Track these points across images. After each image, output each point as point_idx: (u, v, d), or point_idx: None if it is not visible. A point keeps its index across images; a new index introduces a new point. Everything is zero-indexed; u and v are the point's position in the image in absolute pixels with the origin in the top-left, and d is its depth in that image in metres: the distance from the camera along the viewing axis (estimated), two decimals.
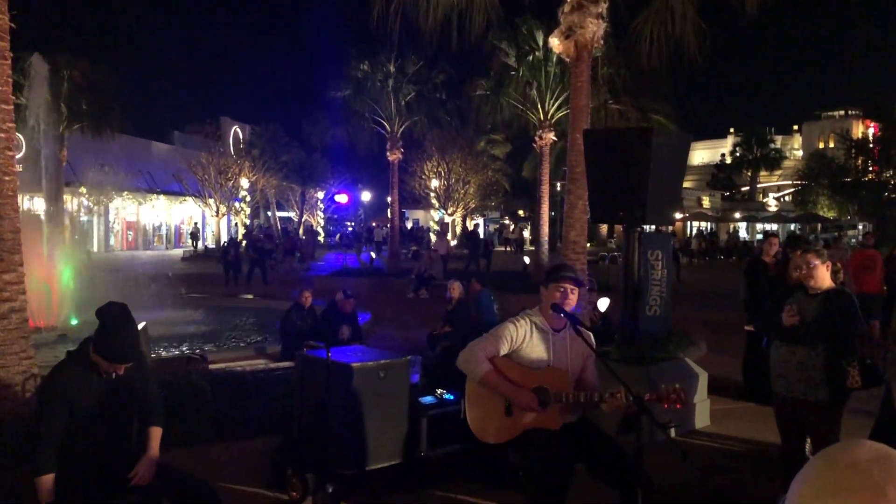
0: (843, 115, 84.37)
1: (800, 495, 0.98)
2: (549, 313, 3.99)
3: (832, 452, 1.00)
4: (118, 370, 3.63)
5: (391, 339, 11.97)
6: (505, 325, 4.05)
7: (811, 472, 0.99)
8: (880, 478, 0.93)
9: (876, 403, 5.68)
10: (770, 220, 55.72)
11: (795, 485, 1.00)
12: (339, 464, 5.04)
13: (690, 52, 12.12)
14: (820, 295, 4.83)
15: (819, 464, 0.99)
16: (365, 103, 28.12)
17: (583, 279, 4.09)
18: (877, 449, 0.97)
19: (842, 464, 0.97)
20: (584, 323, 4.09)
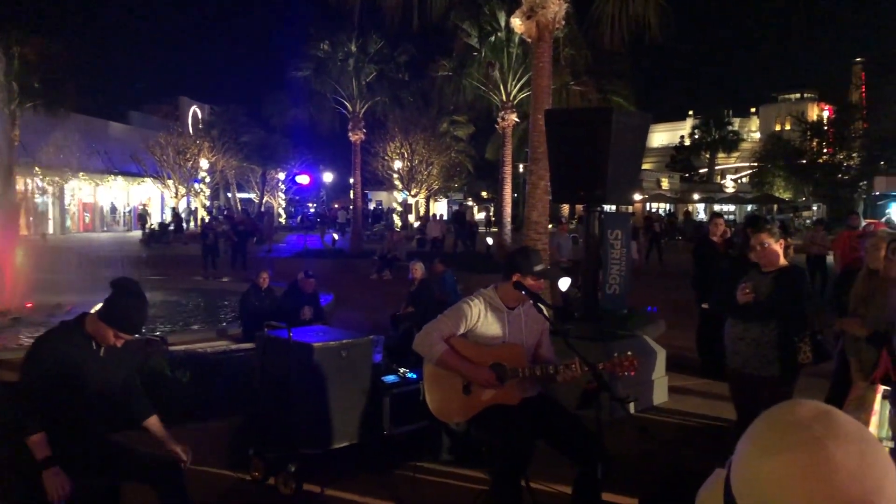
0: (799, 97, 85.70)
1: (744, 454, 1.01)
2: (507, 292, 4.02)
3: (774, 412, 1.03)
4: (123, 340, 3.59)
5: (354, 320, 11.94)
6: (460, 305, 4.08)
7: (755, 431, 1.02)
8: (821, 433, 0.96)
9: (827, 379, 5.86)
10: (727, 201, 56.67)
11: (740, 445, 1.03)
12: (301, 443, 5.04)
13: (652, 32, 12.20)
14: (773, 273, 4.94)
15: (762, 423, 1.02)
16: (326, 83, 27.83)
17: (547, 272, 4.16)
18: (816, 406, 1.01)
19: (784, 422, 1.00)
20: (546, 301, 4.12)
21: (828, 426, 0.97)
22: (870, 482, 0.93)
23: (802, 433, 0.96)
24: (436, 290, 10.50)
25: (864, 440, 0.96)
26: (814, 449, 0.94)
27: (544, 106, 10.59)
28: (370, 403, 5.31)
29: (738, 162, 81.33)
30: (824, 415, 0.99)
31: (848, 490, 0.92)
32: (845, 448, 0.94)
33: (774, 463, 0.96)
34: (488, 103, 26.00)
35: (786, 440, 0.97)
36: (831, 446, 0.94)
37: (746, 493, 1.00)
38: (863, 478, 0.93)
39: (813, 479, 0.93)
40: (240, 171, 47.64)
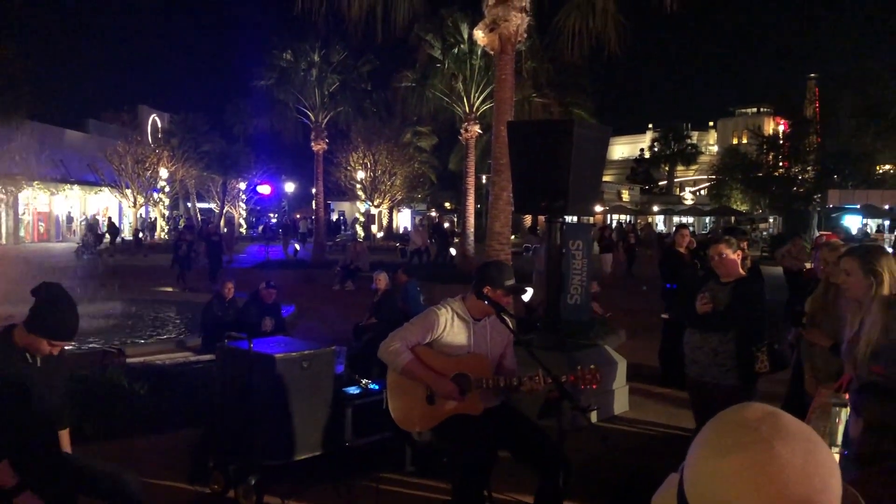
0: (755, 112, 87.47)
1: (696, 457, 1.04)
2: (473, 303, 4.04)
3: (724, 415, 1.06)
4: (59, 348, 3.49)
5: (316, 331, 11.86)
6: (427, 313, 4.09)
7: (705, 434, 1.05)
8: (768, 434, 0.99)
9: (783, 387, 5.97)
10: (686, 213, 57.53)
11: (692, 448, 1.06)
12: (262, 455, 4.98)
13: (612, 46, 12.39)
14: (731, 283, 5.04)
15: (712, 426, 1.05)
16: (289, 93, 27.69)
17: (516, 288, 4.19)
18: (763, 408, 1.04)
19: (732, 424, 1.03)
20: (510, 312, 4.15)
21: (774, 427, 1.00)
22: (815, 480, 0.97)
23: (751, 434, 0.99)
24: (399, 301, 10.48)
25: (809, 440, 0.99)
26: (762, 449, 0.97)
27: (507, 117, 10.67)
28: (332, 414, 5.28)
29: (697, 174, 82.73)
30: (771, 416, 1.02)
31: (795, 487, 0.95)
32: (791, 447, 0.97)
33: (724, 463, 0.99)
34: (451, 114, 26.12)
35: (735, 441, 1.00)
36: (778, 446, 0.97)
37: (698, 494, 1.02)
38: (809, 475, 0.96)
39: (761, 477, 0.96)
40: (200, 181, 47.04)
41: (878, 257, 3.46)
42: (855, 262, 3.47)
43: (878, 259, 3.44)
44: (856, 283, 3.45)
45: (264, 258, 29.04)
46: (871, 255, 3.48)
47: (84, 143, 43.46)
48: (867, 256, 3.47)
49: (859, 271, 3.43)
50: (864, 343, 3.36)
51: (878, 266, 3.40)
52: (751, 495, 0.96)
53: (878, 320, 3.31)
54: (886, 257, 3.48)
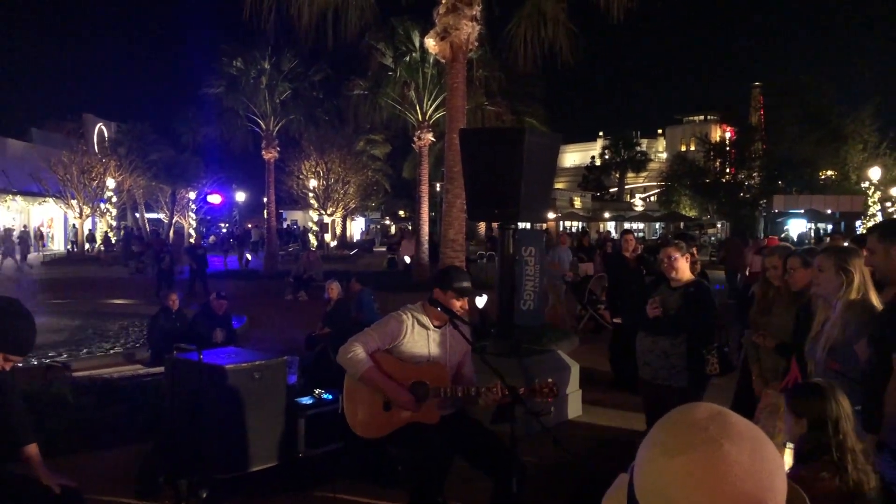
0: (702, 119, 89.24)
1: (645, 457, 1.05)
2: (430, 310, 4.04)
3: (672, 415, 1.08)
4: (13, 363, 3.37)
5: (268, 342, 11.72)
6: (387, 319, 4.07)
7: (654, 434, 1.06)
8: (716, 433, 1.00)
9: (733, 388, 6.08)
10: (637, 219, 58.45)
11: (641, 448, 1.07)
12: (213, 468, 4.90)
13: (563, 55, 12.54)
14: (681, 288, 5.13)
15: (661, 426, 1.07)
16: (239, 101, 27.36)
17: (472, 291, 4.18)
18: (711, 408, 1.06)
19: (681, 424, 1.05)
20: (464, 319, 4.16)
21: (722, 426, 1.01)
22: (762, 476, 0.99)
23: (699, 434, 1.01)
24: (353, 310, 10.42)
25: (756, 438, 1.01)
26: (710, 448, 0.99)
27: (459, 125, 10.71)
28: (285, 425, 5.22)
29: (647, 181, 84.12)
30: (718, 415, 1.04)
31: (743, 485, 0.97)
32: (739, 446, 0.99)
33: (674, 463, 1.00)
34: (405, 122, 26.10)
35: (684, 441, 1.01)
36: (726, 445, 0.99)
37: (648, 493, 1.04)
38: (755, 473, 0.98)
39: (711, 476, 0.97)
40: (148, 191, 46.14)
41: (852, 257, 3.57)
42: (830, 259, 3.56)
43: (850, 258, 3.55)
44: (827, 280, 3.54)
45: (223, 269, 28.62)
46: (846, 254, 3.58)
47: (27, 152, 42.28)
48: (841, 255, 3.56)
49: (832, 269, 3.53)
50: (824, 340, 3.47)
51: (850, 266, 3.51)
52: (700, 494, 0.98)
53: (839, 319, 3.42)
54: (858, 257, 3.59)
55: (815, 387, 2.80)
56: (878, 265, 3.35)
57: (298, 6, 12.00)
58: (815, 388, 2.79)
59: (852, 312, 3.43)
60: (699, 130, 69.55)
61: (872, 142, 44.63)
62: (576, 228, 54.07)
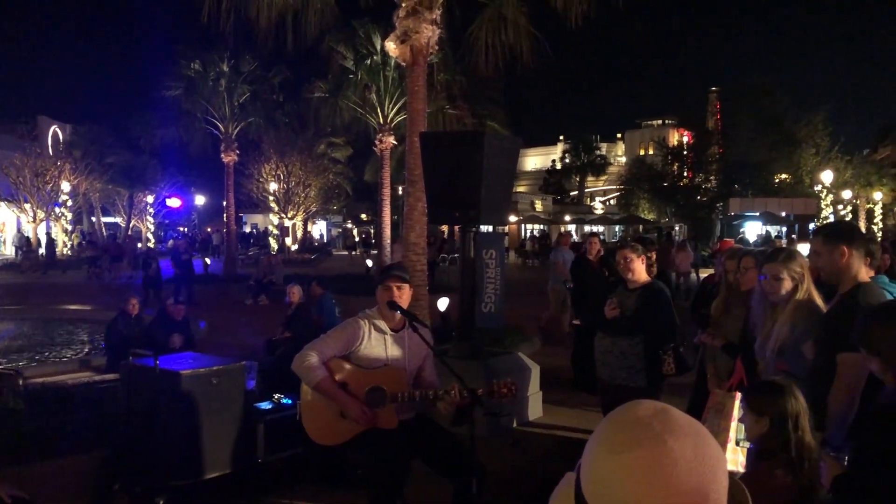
0: (661, 124, 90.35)
1: (591, 454, 1.06)
2: (387, 313, 4.03)
3: (617, 413, 1.09)
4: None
5: (228, 347, 11.56)
6: (343, 326, 4.05)
7: (600, 432, 1.08)
8: (660, 429, 1.02)
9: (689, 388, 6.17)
10: (597, 222, 58.98)
11: (588, 446, 1.08)
12: (169, 475, 4.83)
13: (524, 59, 12.60)
14: (638, 289, 5.21)
15: (606, 424, 1.08)
16: (197, 103, 27.02)
17: (407, 276, 4.14)
18: (655, 405, 1.08)
19: (626, 421, 1.06)
20: (422, 321, 4.15)
21: (666, 422, 1.03)
22: (705, 471, 1.01)
23: (644, 431, 1.03)
24: (314, 314, 10.35)
25: (698, 434, 1.03)
26: (654, 444, 1.01)
27: (420, 129, 10.71)
28: (243, 431, 5.17)
29: (606, 185, 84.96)
30: (662, 412, 1.06)
31: (686, 479, 0.99)
32: (682, 442, 1.01)
33: (619, 459, 1.02)
34: (366, 125, 26.01)
35: (629, 438, 1.03)
36: (670, 441, 1.01)
37: (595, 491, 1.05)
38: (698, 468, 1.00)
39: (655, 472, 0.99)
40: (105, 194, 45.28)
41: (799, 260, 3.64)
42: (780, 267, 3.62)
43: (799, 262, 3.62)
44: (782, 287, 3.60)
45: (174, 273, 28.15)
46: (794, 259, 3.65)
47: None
48: (790, 261, 3.63)
49: (787, 277, 3.59)
50: (773, 341, 3.54)
51: (799, 269, 3.58)
52: (645, 489, 0.99)
53: (787, 320, 3.49)
54: (804, 259, 3.67)
55: (774, 384, 2.85)
56: (823, 267, 3.42)
57: (257, 8, 11.88)
58: (775, 385, 2.83)
59: (800, 313, 3.51)
60: (657, 135, 70.40)
61: (824, 146, 45.73)
62: (537, 231, 54.44)
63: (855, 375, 3.07)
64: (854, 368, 3.07)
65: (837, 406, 3.08)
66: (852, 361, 3.07)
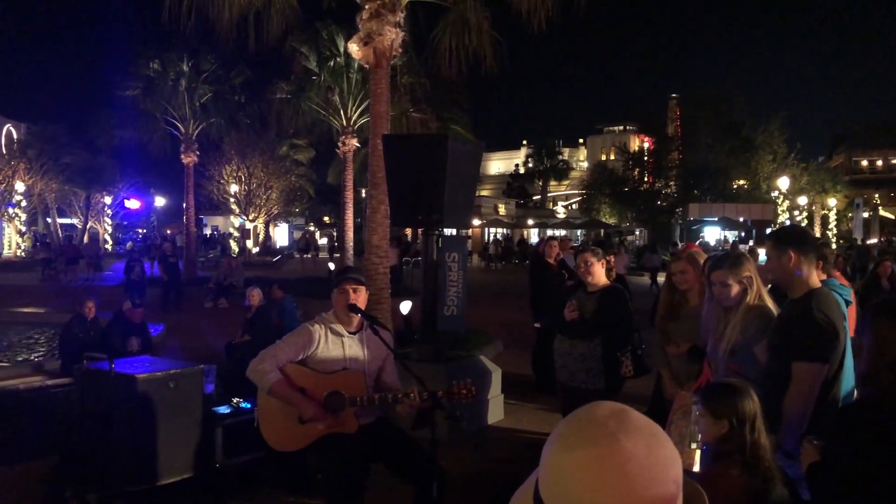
0: (622, 129, 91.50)
1: (549, 453, 1.07)
2: (343, 316, 4.00)
3: (575, 413, 1.10)
4: None
5: (187, 351, 11.43)
6: (298, 331, 4.00)
7: (557, 431, 1.08)
8: (615, 428, 1.03)
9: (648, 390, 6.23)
10: (559, 226, 59.44)
11: (546, 446, 1.08)
12: (125, 481, 4.74)
13: (487, 63, 12.63)
14: (597, 292, 5.25)
15: (564, 423, 1.09)
16: (157, 103, 26.61)
17: (363, 278, 4.11)
18: (612, 406, 1.09)
19: (583, 420, 1.07)
20: (383, 323, 4.12)
21: (620, 422, 1.04)
22: (657, 471, 1.01)
23: (599, 429, 1.03)
24: (274, 317, 10.25)
25: (653, 434, 1.04)
26: (608, 443, 1.01)
27: (383, 131, 10.66)
28: (201, 435, 5.09)
29: (569, 189, 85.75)
30: (619, 412, 1.06)
31: (638, 479, 0.99)
32: (635, 441, 1.01)
33: (573, 458, 1.02)
34: (329, 127, 25.88)
35: (583, 436, 1.04)
36: (623, 440, 1.01)
37: (550, 489, 1.05)
38: (651, 468, 1.01)
39: (607, 470, 1.00)
40: (61, 195, 44.33)
41: (745, 264, 3.69)
42: (728, 273, 3.67)
43: (745, 266, 3.67)
44: (733, 294, 3.65)
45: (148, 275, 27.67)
46: (741, 264, 3.70)
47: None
48: (737, 267, 3.68)
49: (735, 283, 3.64)
50: (724, 343, 3.59)
51: (748, 273, 3.63)
52: (597, 488, 1.00)
53: (739, 322, 3.54)
54: (750, 262, 3.73)
55: (730, 386, 2.87)
56: (772, 271, 3.47)
57: (218, 8, 11.73)
58: (731, 387, 2.85)
59: (751, 316, 3.56)
60: (619, 140, 71.26)
61: (781, 152, 46.71)
62: (500, 235, 54.67)
63: (810, 385, 3.12)
64: (811, 378, 3.12)
65: (793, 413, 3.13)
66: (810, 371, 3.12)
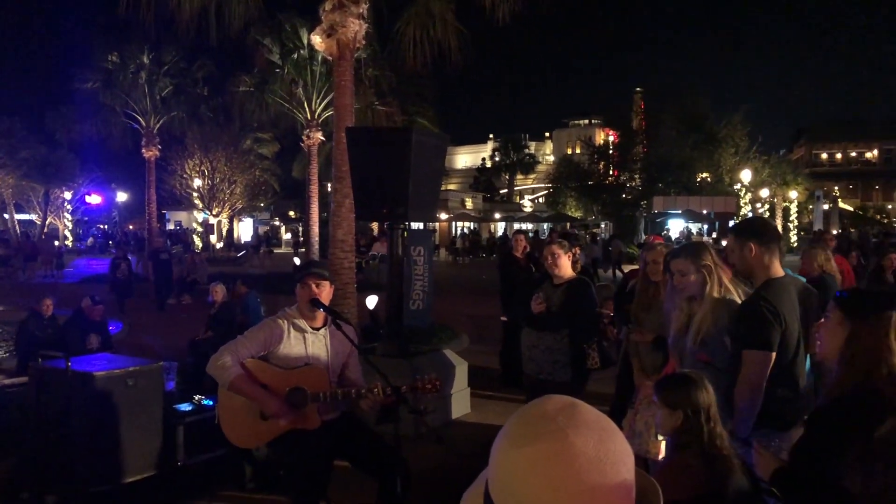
0: (587, 123, 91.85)
1: (498, 451, 1.04)
2: (307, 311, 3.94)
3: (526, 408, 1.07)
4: None
5: (150, 348, 11.25)
6: (259, 326, 3.94)
7: (508, 427, 1.05)
8: (564, 423, 1.01)
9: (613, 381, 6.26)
10: (526, 219, 59.67)
11: (496, 442, 1.05)
12: (84, 481, 4.63)
13: (452, 56, 12.60)
14: (563, 284, 5.25)
15: (514, 419, 1.06)
16: (116, 96, 26.14)
17: (326, 273, 4.04)
18: (563, 400, 1.06)
19: (532, 415, 1.04)
20: (346, 318, 4.07)
21: (570, 417, 1.01)
22: (606, 467, 0.99)
23: (548, 425, 1.01)
24: (238, 313, 10.13)
25: (603, 429, 1.01)
26: (556, 438, 0.99)
27: (347, 124, 10.58)
28: (163, 433, 5.01)
29: (535, 183, 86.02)
30: (569, 407, 1.03)
31: (587, 474, 0.97)
32: (585, 436, 0.99)
33: (522, 454, 1.00)
34: (293, 121, 25.64)
35: (532, 432, 1.01)
36: (572, 435, 0.98)
37: (500, 487, 1.02)
38: (601, 463, 0.98)
39: (555, 466, 0.97)
40: (18, 190, 43.39)
41: (704, 253, 3.71)
42: (687, 262, 3.69)
43: (704, 255, 3.69)
44: (692, 282, 3.68)
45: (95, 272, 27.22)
46: (699, 253, 3.72)
47: None
48: (696, 255, 3.70)
49: (693, 271, 3.66)
50: (693, 333, 3.61)
51: (706, 261, 3.65)
52: (545, 484, 0.97)
53: (709, 313, 3.56)
54: (709, 250, 3.75)
55: (685, 378, 2.88)
56: (736, 263, 3.51)
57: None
58: (686, 378, 2.86)
59: (721, 305, 3.59)
60: (584, 134, 71.59)
61: (743, 146, 47.34)
62: (468, 229, 54.75)
63: (758, 372, 3.16)
64: (757, 365, 3.17)
65: (742, 400, 3.18)
66: (756, 359, 3.17)
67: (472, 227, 56.06)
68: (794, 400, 3.29)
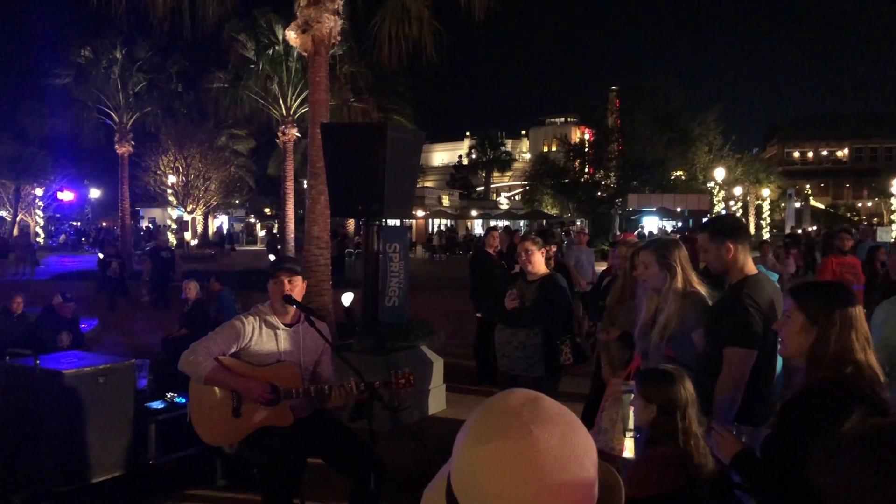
0: (563, 121, 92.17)
1: (461, 445, 1.03)
2: (279, 308, 3.91)
3: (488, 402, 1.06)
4: None
5: (123, 345, 11.13)
6: (230, 323, 3.90)
7: (470, 422, 1.04)
8: (528, 418, 0.99)
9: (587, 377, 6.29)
10: (502, 217, 59.77)
11: (458, 437, 1.04)
12: (52, 480, 4.57)
13: (428, 53, 12.58)
14: (537, 281, 5.27)
15: (476, 414, 1.05)
16: (89, 92, 25.79)
17: (299, 268, 4.01)
18: (526, 394, 1.05)
19: (496, 410, 1.03)
20: (320, 315, 4.05)
21: (533, 411, 1.00)
22: (571, 462, 0.98)
23: (511, 420, 1.00)
24: (212, 311, 10.06)
25: (567, 424, 1.01)
26: (520, 434, 0.98)
27: (322, 120, 10.53)
28: (134, 431, 4.96)
29: (512, 180, 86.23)
30: (533, 401, 1.02)
31: (551, 469, 0.96)
32: (549, 431, 0.98)
33: (485, 450, 0.98)
34: (269, 117, 25.49)
35: (495, 427, 1.00)
36: (536, 430, 0.98)
37: (462, 482, 1.01)
38: (564, 458, 0.97)
39: (518, 462, 0.96)
40: None
41: (672, 250, 3.73)
42: (651, 255, 3.72)
43: (671, 252, 3.72)
44: (653, 274, 3.71)
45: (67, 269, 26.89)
46: (666, 249, 3.75)
47: None
48: (662, 250, 3.73)
49: (655, 264, 3.69)
50: (659, 328, 3.62)
51: (671, 258, 3.68)
52: (508, 480, 0.96)
53: (675, 309, 3.57)
54: (679, 249, 3.76)
55: (664, 373, 2.89)
56: (710, 262, 3.51)
57: None
58: (665, 374, 2.87)
59: (689, 302, 3.61)
60: (560, 132, 71.92)
61: (717, 144, 47.82)
62: (444, 226, 54.72)
63: (741, 370, 3.17)
64: (740, 363, 3.17)
65: (723, 397, 3.18)
66: (739, 356, 3.18)
67: (449, 224, 56.05)
68: (768, 396, 3.33)
